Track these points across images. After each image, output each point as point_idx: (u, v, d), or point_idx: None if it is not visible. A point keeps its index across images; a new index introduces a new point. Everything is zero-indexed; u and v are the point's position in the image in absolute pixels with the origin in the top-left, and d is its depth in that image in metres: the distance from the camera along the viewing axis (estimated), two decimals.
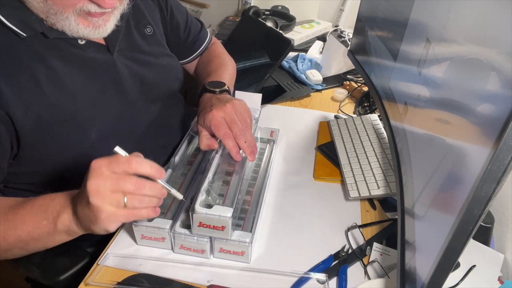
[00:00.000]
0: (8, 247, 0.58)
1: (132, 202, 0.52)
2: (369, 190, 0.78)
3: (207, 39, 1.05)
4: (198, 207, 0.62)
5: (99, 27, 0.66)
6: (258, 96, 0.93)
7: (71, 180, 0.75)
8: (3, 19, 0.62)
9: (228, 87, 0.86)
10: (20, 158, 0.66)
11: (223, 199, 0.66)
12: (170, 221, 0.66)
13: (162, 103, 0.86)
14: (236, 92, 0.94)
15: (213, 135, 0.75)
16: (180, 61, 1.01)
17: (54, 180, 0.74)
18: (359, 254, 0.67)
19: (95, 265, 0.65)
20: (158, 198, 0.55)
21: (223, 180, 0.70)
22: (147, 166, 0.53)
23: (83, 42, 0.70)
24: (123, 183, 0.51)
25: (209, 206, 0.62)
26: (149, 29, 0.84)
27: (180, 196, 0.60)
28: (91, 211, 0.51)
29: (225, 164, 0.73)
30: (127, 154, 0.53)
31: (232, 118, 0.72)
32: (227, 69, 0.98)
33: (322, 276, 0.63)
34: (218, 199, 0.66)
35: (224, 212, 0.61)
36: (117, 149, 0.53)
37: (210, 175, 0.69)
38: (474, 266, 0.61)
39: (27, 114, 0.63)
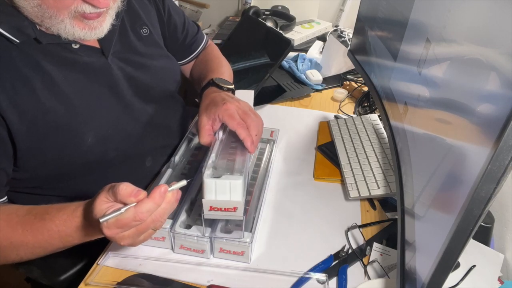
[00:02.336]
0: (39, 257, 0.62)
1: (150, 235, 0.56)
2: (369, 190, 0.78)
3: (204, 40, 1.05)
4: (207, 175, 0.58)
5: (95, 29, 0.65)
6: (251, 93, 0.91)
7: (70, 183, 0.75)
8: None
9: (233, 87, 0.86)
10: (17, 163, 0.66)
11: (230, 172, 0.62)
12: (170, 221, 0.66)
13: (160, 105, 0.86)
14: None
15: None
16: (178, 62, 1.01)
17: (54, 184, 0.74)
18: (359, 254, 0.67)
19: (95, 265, 0.65)
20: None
21: (228, 159, 0.67)
22: (151, 204, 0.52)
23: (77, 46, 0.69)
24: (141, 233, 0.54)
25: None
26: (145, 30, 0.83)
27: (183, 182, 0.56)
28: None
29: (227, 148, 0.71)
30: (121, 211, 0.51)
31: (245, 111, 0.72)
32: (226, 70, 0.98)
33: (322, 276, 0.63)
34: (225, 173, 0.62)
35: (235, 179, 0.57)
36: (103, 220, 0.51)
37: (213, 155, 0.66)
38: (474, 266, 0.61)
39: (22, 120, 0.63)
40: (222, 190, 0.58)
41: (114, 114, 0.75)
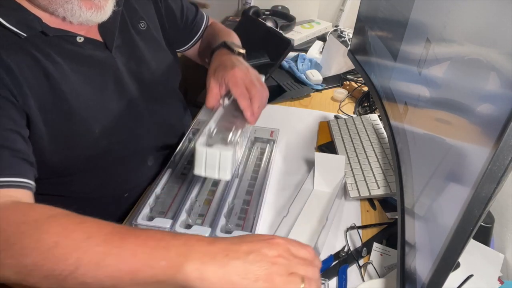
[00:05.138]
0: (91, 281, 0.43)
1: (310, 286, 0.46)
2: (369, 190, 0.78)
3: (205, 20, 1.03)
4: (200, 143, 0.59)
5: (101, 9, 0.66)
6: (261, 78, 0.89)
7: (72, 178, 0.75)
8: (1, 20, 0.61)
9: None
10: None
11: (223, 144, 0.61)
12: (170, 221, 0.66)
13: (162, 101, 0.86)
14: None
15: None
16: (183, 48, 1.00)
17: (56, 179, 0.74)
18: (355, 255, 0.67)
19: None
20: None
21: (226, 127, 0.65)
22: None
23: (81, 40, 0.70)
24: (306, 268, 0.47)
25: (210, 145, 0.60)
26: (142, 24, 0.84)
27: None
28: (258, 283, 0.43)
29: (229, 116, 0.70)
30: None
31: (252, 80, 0.71)
32: (235, 37, 0.96)
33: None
34: (219, 143, 0.61)
35: (226, 150, 0.58)
36: None
37: (212, 122, 0.65)
38: (471, 275, 0.60)
39: (39, 105, 0.64)
40: (211, 162, 0.58)
41: (119, 108, 0.75)
